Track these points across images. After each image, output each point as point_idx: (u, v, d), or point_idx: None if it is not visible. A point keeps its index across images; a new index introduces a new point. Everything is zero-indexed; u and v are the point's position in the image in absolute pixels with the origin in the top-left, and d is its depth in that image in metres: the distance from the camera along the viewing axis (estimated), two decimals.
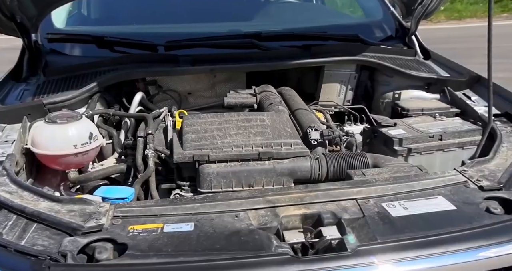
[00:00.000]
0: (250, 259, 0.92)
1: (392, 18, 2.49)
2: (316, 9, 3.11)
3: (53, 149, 1.52)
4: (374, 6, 2.69)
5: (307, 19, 2.64)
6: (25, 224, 1.08)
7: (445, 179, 1.24)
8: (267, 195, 1.16)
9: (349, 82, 2.11)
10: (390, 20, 2.51)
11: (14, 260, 0.94)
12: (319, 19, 2.68)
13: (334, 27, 2.38)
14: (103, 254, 0.97)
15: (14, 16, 1.81)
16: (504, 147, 1.42)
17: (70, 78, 1.89)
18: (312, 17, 2.72)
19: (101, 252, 0.98)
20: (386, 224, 1.05)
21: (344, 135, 1.63)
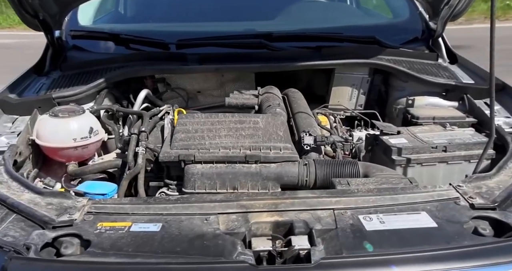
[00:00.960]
0: (206, 264, 0.91)
1: (419, 18, 2.38)
2: (341, 9, 3.03)
3: (54, 141, 1.58)
4: (402, 5, 2.58)
5: (330, 19, 2.58)
6: (5, 214, 1.13)
7: (435, 194, 1.17)
8: (241, 200, 1.14)
9: (361, 86, 2.04)
10: (416, 21, 2.40)
11: None
12: (342, 19, 2.60)
13: (352, 28, 2.30)
14: (68, 249, 1.00)
15: (37, 14, 1.90)
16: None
17: (83, 73, 1.95)
18: (335, 17, 2.65)
19: (67, 247, 1.00)
20: (357, 238, 1.00)
21: (341, 141, 1.58)
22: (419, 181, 1.44)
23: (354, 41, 2.12)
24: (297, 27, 2.31)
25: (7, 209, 1.15)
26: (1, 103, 1.76)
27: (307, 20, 2.52)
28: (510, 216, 1.06)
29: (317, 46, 1.99)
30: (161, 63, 1.91)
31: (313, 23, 2.42)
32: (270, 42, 2.01)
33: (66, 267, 0.91)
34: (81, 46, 2.26)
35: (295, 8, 2.70)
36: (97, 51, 2.22)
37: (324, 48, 1.97)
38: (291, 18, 2.56)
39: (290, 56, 1.94)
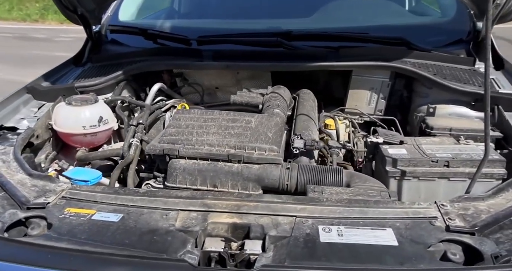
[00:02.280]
0: (145, 259, 0.93)
1: (468, 18, 2.20)
2: (386, 7, 2.87)
3: (66, 127, 1.69)
4: (451, 3, 2.41)
5: (370, 17, 2.46)
6: (8, 190, 1.23)
7: (411, 211, 1.08)
8: (206, 198, 1.15)
9: (381, 90, 1.93)
10: (463, 21, 2.22)
11: None
12: (384, 17, 2.47)
13: (386, 28, 2.18)
14: (34, 230, 1.07)
15: (76, 9, 2.04)
16: None
17: (109, 66, 2.06)
18: (377, 15, 2.52)
19: (34, 228, 1.08)
20: (306, 248, 0.96)
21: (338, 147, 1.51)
22: (417, 196, 1.36)
23: (380, 42, 2.01)
24: (331, 25, 2.24)
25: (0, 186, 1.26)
26: (31, 89, 1.92)
27: (344, 19, 2.43)
28: (486, 243, 0.95)
29: (336, 47, 1.92)
30: (178, 58, 1.96)
31: (350, 21, 2.33)
32: (289, 40, 1.97)
33: (9, 245, 0.97)
34: (118, 40, 2.39)
35: (334, 5, 2.63)
36: (131, 45, 2.33)
37: (341, 49, 1.89)
38: (327, 16, 2.49)
39: (305, 56, 1.88)
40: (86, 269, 0.91)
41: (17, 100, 1.88)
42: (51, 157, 1.78)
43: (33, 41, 7.81)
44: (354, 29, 2.12)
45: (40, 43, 7.41)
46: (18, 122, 1.77)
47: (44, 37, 7.74)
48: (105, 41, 2.40)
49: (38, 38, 7.96)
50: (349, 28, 2.11)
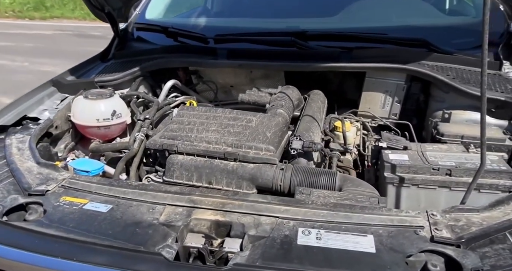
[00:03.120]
0: (122, 250, 0.96)
1: (503, 19, 2.09)
2: (418, 6, 2.77)
3: (81, 119, 1.77)
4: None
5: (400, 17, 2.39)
6: (6, 176, 1.32)
7: (397, 219, 1.05)
8: (193, 194, 1.17)
9: (395, 93, 1.87)
10: (496, 22, 2.11)
11: None
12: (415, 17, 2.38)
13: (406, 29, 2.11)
14: (31, 215, 1.13)
15: (103, 7, 2.13)
16: None
17: (129, 62, 2.13)
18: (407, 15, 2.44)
19: (31, 213, 1.14)
20: (281, 250, 0.96)
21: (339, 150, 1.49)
22: (416, 205, 1.32)
23: (399, 43, 1.95)
24: (355, 25, 2.20)
25: (10, 172, 1.34)
26: (56, 82, 2.03)
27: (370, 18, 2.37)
28: (469, 256, 0.91)
29: (350, 47, 1.88)
30: (193, 56, 2.00)
31: (375, 21, 2.27)
32: (304, 40, 1.95)
33: (1, 227, 1.03)
34: (144, 37, 2.47)
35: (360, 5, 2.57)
36: (155, 42, 2.40)
37: (355, 49, 1.85)
38: (352, 16, 2.44)
39: (317, 56, 1.86)
40: (67, 256, 0.95)
41: (42, 92, 1.98)
42: (70, 147, 1.87)
43: (90, 39, 8.26)
44: (373, 29, 2.06)
45: (95, 40, 7.83)
46: (40, 113, 1.87)
47: (100, 34, 8.14)
48: (131, 38, 2.48)
49: (94, 36, 8.42)
50: (368, 29, 2.06)
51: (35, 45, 7.73)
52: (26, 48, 7.14)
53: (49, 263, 0.95)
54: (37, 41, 8.04)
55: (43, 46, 7.56)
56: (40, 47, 7.45)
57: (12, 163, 1.38)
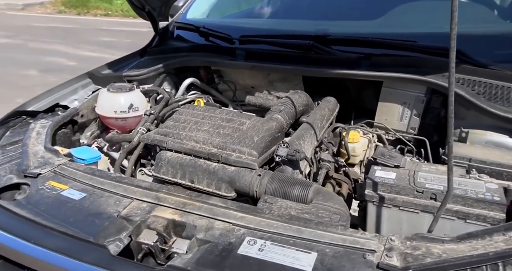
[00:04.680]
0: (72, 238, 1.03)
1: None
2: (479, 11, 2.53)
3: (101, 110, 1.90)
4: None
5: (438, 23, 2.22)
6: (17, 157, 1.46)
7: (350, 239, 1.00)
8: (160, 192, 1.21)
9: (414, 105, 1.75)
10: None
11: None
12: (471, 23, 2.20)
13: (443, 36, 1.95)
14: (20, 195, 1.25)
15: (143, 6, 2.26)
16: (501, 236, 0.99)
17: (158, 59, 2.23)
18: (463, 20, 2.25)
19: (21, 193, 1.26)
20: (219, 257, 0.97)
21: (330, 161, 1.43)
22: (397, 228, 1.25)
23: (427, 52, 1.81)
24: (393, 30, 2.09)
25: (22, 153, 1.49)
26: (91, 75, 2.19)
27: (410, 24, 2.23)
28: None
29: (369, 54, 1.80)
30: (214, 55, 2.04)
31: (416, 27, 2.12)
32: (325, 45, 1.90)
33: None
34: (183, 36, 2.56)
35: (403, 9, 2.42)
36: (192, 41, 2.48)
37: (374, 57, 1.76)
38: (393, 20, 2.31)
39: (333, 62, 1.80)
40: (26, 237, 1.04)
41: (77, 83, 2.15)
42: (95, 135, 2.02)
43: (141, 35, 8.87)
44: (405, 35, 1.93)
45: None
46: (71, 102, 2.04)
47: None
48: (170, 36, 2.57)
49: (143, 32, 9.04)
50: (398, 35, 1.94)
51: (132, 41, 8.36)
52: (124, 43, 7.73)
53: (9, 241, 1.04)
54: (135, 37, 8.71)
55: (138, 42, 8.18)
56: (135, 43, 8.08)
57: (25, 145, 1.53)
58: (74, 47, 7.22)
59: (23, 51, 7.19)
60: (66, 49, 7.16)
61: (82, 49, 6.94)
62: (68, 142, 1.83)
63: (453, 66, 0.91)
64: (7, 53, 6.96)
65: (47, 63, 6.14)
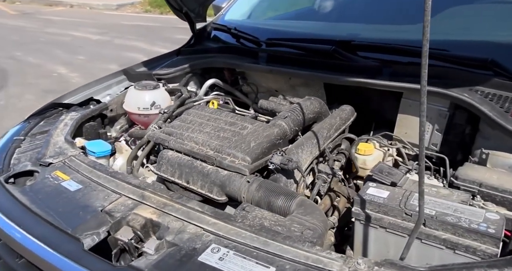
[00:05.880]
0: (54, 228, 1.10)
1: None
2: None
3: (127, 106, 2.00)
4: None
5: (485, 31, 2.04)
6: (41, 146, 1.58)
7: (314, 257, 0.97)
8: (147, 190, 1.25)
9: (436, 120, 1.63)
10: None
11: None
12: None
13: (481, 45, 1.80)
14: (30, 182, 1.36)
15: (181, 8, 2.34)
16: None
17: (187, 58, 2.29)
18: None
19: (31, 180, 1.38)
20: (178, 262, 0.99)
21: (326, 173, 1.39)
22: (385, 251, 1.19)
23: (459, 62, 1.67)
24: (436, 37, 1.96)
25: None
26: (125, 72, 2.31)
27: (451, 30, 2.08)
28: None
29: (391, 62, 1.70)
30: (237, 57, 2.05)
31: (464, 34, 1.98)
32: (348, 51, 1.83)
33: None
34: (219, 36, 2.60)
35: (451, 13, 2.26)
36: (228, 41, 2.51)
37: (396, 65, 1.67)
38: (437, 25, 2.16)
39: (352, 69, 1.73)
40: (18, 222, 1.13)
41: (113, 79, 2.28)
42: (123, 129, 2.13)
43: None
44: (438, 43, 1.79)
45: None
46: (103, 97, 2.16)
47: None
48: (207, 37, 2.61)
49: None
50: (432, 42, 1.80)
51: None
52: None
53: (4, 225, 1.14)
54: None
55: None
56: None
57: (49, 135, 1.66)
58: (151, 44, 7.67)
59: (109, 47, 7.80)
60: (144, 46, 7.63)
61: (157, 46, 7.33)
62: (95, 134, 1.95)
63: (425, 84, 0.83)
64: (96, 49, 7.63)
65: (126, 58, 6.58)
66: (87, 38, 8.60)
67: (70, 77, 5.86)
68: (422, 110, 0.86)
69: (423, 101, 0.85)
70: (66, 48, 7.68)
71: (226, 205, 1.42)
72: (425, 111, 0.86)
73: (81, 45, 7.91)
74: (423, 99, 0.85)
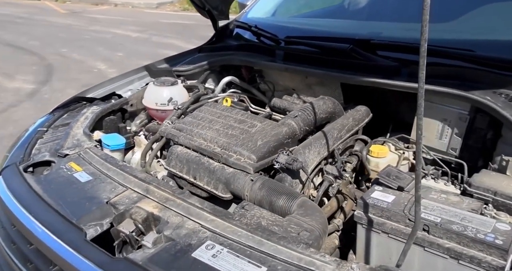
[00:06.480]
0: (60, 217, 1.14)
1: None
2: None
3: (146, 101, 2.04)
4: None
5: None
6: (60, 138, 1.64)
7: (306, 259, 0.96)
8: (151, 184, 1.27)
9: (456, 124, 1.56)
10: None
11: None
12: None
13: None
14: (46, 171, 1.42)
15: (204, 6, 2.36)
16: None
17: (207, 56, 2.31)
18: None
19: (48, 170, 1.43)
20: (172, 257, 1.00)
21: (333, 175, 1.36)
22: (387, 257, 1.16)
23: (483, 63, 1.60)
24: (464, 37, 1.88)
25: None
26: (147, 68, 2.36)
27: (483, 29, 1.98)
28: None
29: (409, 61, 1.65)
30: (254, 55, 2.04)
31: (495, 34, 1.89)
32: (365, 49, 1.78)
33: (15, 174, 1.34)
34: (241, 34, 2.60)
35: (483, 11, 2.16)
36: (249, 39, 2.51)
37: (415, 65, 1.60)
38: (469, 24, 2.07)
39: (369, 68, 1.68)
40: (29, 209, 1.18)
41: (135, 75, 2.33)
42: (143, 124, 2.18)
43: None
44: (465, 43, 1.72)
45: None
46: (125, 92, 2.22)
47: None
48: (229, 35, 2.61)
49: None
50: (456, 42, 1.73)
51: None
52: None
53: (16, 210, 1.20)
54: None
55: None
56: None
57: (70, 128, 1.72)
58: (185, 41, 7.85)
59: (147, 44, 8.05)
60: (179, 43, 7.81)
61: (192, 44, 7.47)
62: (114, 128, 2.00)
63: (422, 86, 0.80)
64: (135, 46, 7.92)
65: (161, 55, 6.73)
66: (127, 35, 8.90)
67: (108, 73, 6.06)
68: (419, 113, 0.82)
69: (420, 104, 0.82)
70: (107, 45, 7.97)
71: (232, 203, 1.43)
72: (422, 114, 0.83)
73: (121, 43, 8.19)
74: (420, 101, 0.82)
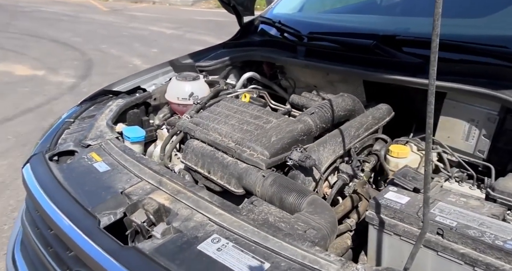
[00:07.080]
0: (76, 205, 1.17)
1: None
2: None
3: (168, 96, 2.07)
4: None
5: None
6: (84, 129, 1.69)
7: (311, 258, 0.94)
8: (164, 177, 1.29)
9: (483, 125, 1.49)
10: None
11: None
12: None
13: None
14: (70, 160, 1.47)
15: (229, 1, 2.37)
16: None
17: (229, 51, 2.31)
18: None
19: (71, 159, 1.48)
20: (177, 248, 1.01)
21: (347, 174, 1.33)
22: (399, 260, 1.13)
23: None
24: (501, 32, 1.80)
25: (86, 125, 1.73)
26: (171, 63, 2.39)
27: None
28: None
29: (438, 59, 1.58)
30: (276, 51, 2.03)
31: None
32: (389, 45, 1.73)
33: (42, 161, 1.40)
34: (266, 30, 2.58)
35: None
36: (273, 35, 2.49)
37: (442, 63, 1.54)
38: (499, 20, 1.97)
39: (393, 66, 1.63)
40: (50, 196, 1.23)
41: (159, 70, 2.37)
42: (166, 117, 2.21)
43: None
44: (497, 38, 1.63)
45: None
46: (149, 86, 2.27)
47: None
48: (254, 31, 2.59)
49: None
50: (489, 37, 1.64)
51: None
52: None
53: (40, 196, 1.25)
54: None
55: None
56: None
57: (94, 119, 1.77)
58: (217, 38, 7.95)
59: (180, 41, 8.26)
60: (211, 40, 7.94)
61: (222, 40, 7.59)
62: (138, 121, 2.04)
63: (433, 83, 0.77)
64: (169, 42, 8.15)
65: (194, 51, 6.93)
66: (162, 32, 9.13)
67: (142, 68, 6.22)
68: (429, 110, 0.79)
69: (431, 102, 0.78)
70: (143, 41, 8.22)
71: (245, 198, 1.43)
72: (432, 112, 0.79)
73: (156, 39, 8.42)
74: (430, 99, 0.78)
